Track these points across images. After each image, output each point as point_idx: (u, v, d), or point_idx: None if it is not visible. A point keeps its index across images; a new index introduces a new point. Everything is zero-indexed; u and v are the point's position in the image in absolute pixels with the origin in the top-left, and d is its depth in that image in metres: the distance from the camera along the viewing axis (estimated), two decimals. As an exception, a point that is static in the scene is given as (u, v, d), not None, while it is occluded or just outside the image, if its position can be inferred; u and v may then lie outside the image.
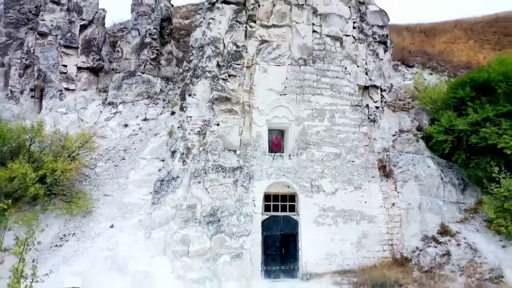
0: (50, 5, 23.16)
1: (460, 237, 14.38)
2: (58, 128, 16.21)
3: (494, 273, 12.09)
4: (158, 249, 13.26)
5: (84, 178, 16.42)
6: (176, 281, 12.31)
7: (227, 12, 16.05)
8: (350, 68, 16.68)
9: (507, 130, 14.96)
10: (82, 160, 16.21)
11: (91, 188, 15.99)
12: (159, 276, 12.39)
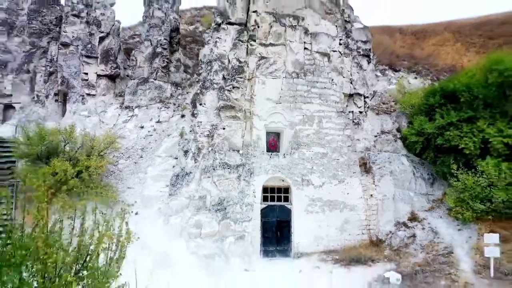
0: (71, 18, 25.94)
1: (426, 222, 17.37)
2: (88, 131, 19.15)
3: (446, 250, 15.08)
4: (175, 232, 16.24)
5: (109, 174, 19.38)
6: (191, 257, 15.30)
7: (231, 32, 18.92)
8: (337, 79, 19.58)
9: (468, 133, 17.87)
10: (108, 158, 19.16)
11: (116, 182, 18.96)
12: (176, 254, 15.37)
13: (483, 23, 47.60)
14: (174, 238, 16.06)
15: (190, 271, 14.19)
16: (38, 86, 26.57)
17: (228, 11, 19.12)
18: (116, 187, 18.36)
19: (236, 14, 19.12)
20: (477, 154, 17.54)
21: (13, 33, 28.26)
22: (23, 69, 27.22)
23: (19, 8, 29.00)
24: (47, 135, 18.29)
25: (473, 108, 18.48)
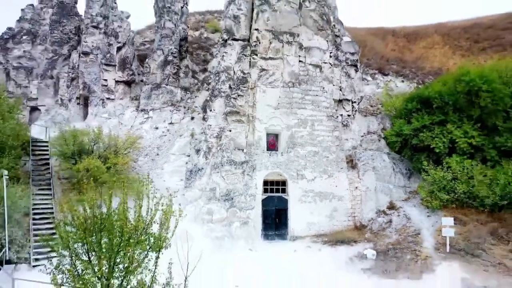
0: (90, 30, 29.01)
1: (401, 210, 20.64)
2: (111, 133, 22.36)
3: (415, 232, 18.33)
4: (191, 218, 19.44)
5: (131, 169, 22.61)
6: (204, 239, 18.55)
7: (236, 47, 22.06)
8: (327, 87, 22.75)
9: (438, 135, 21.10)
10: (130, 156, 22.38)
11: (138, 176, 22.17)
12: (193, 235, 18.62)
13: (471, 26, 50.41)
14: (190, 223, 19.27)
15: (205, 249, 17.45)
16: (62, 91, 29.71)
17: (233, 29, 22.24)
18: (142, 181, 21.55)
19: (240, 31, 22.25)
20: (446, 153, 20.79)
21: (37, 42, 31.34)
22: (47, 75, 30.34)
23: (41, 18, 32.05)
24: (78, 136, 21.52)
25: (444, 113, 21.68)
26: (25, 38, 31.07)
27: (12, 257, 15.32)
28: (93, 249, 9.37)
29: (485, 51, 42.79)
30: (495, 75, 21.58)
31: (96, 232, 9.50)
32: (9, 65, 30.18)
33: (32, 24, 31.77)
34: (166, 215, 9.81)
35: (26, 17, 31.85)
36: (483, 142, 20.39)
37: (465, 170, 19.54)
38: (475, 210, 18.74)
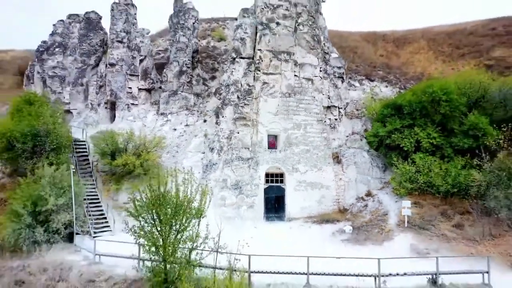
0: (116, 44, 34.11)
1: (376, 197, 25.98)
2: (142, 134, 27.63)
3: (384, 213, 23.69)
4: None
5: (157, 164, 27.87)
6: (219, 219, 23.87)
7: (242, 64, 27.26)
8: (318, 96, 27.99)
9: (407, 136, 26.29)
10: (156, 153, 27.65)
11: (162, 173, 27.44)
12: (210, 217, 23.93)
13: (454, 32, 55.22)
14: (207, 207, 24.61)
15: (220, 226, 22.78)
16: (91, 96, 34.93)
17: (240, 49, 27.44)
18: (164, 173, 26.85)
19: (246, 51, 27.46)
20: (412, 150, 26.04)
21: (67, 53, 36.48)
22: (78, 82, 35.52)
23: (70, 32, 37.13)
24: (115, 137, 26.81)
25: (412, 118, 26.90)
26: (58, 50, 36.17)
27: (78, 230, 20.66)
28: (157, 216, 14.66)
29: (464, 57, 47.84)
30: (454, 87, 26.81)
31: (158, 205, 14.77)
32: (45, 74, 35.36)
33: (63, 37, 36.84)
34: (204, 194, 15.07)
35: (57, 32, 36.91)
36: (442, 142, 25.65)
37: (426, 164, 24.80)
38: (432, 196, 24.04)
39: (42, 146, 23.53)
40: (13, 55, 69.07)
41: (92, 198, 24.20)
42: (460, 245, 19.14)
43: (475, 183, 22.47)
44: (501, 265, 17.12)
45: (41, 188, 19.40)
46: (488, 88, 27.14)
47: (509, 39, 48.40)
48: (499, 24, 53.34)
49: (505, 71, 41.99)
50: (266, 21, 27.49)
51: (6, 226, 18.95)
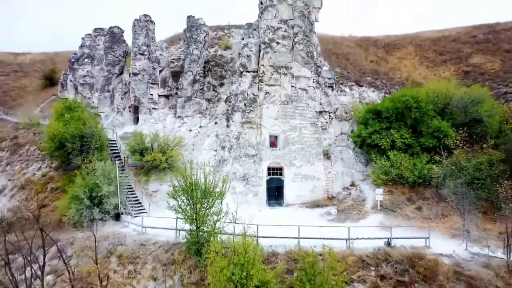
0: (138, 56, 40.11)
1: (358, 187, 32.11)
2: (166, 135, 33.72)
3: (363, 199, 29.85)
4: (220, 191, 30.94)
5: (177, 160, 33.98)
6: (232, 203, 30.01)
7: (248, 77, 33.30)
8: (311, 103, 34.04)
9: (384, 136, 32.34)
10: (177, 151, 33.73)
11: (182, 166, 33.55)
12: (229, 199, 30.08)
13: (439, 38, 60.87)
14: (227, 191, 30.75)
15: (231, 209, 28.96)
16: (117, 101, 41.00)
17: (246, 64, 33.48)
18: (184, 167, 32.98)
19: (251, 66, 33.50)
20: (388, 148, 32.12)
21: (94, 63, 42.52)
22: (105, 89, 41.60)
23: (96, 45, 43.15)
24: (143, 137, 32.92)
25: (389, 121, 32.94)
26: (86, 61, 42.24)
27: (122, 211, 26.83)
28: (191, 197, 20.75)
29: (445, 63, 53.77)
30: (424, 95, 32.89)
31: (191, 190, 20.86)
32: (77, 82, 41.44)
33: (90, 49, 42.86)
34: (224, 181, 21.20)
35: (85, 44, 42.94)
36: (412, 141, 31.70)
37: (398, 160, 30.88)
38: (401, 186, 30.14)
39: (88, 145, 29.64)
40: (31, 57, 75.33)
41: (128, 187, 30.32)
42: (417, 222, 25.29)
43: (435, 175, 28.57)
44: (444, 235, 23.29)
45: (95, 178, 25.54)
46: (452, 97, 33.16)
47: (487, 47, 54.21)
48: (480, 31, 59.08)
49: (479, 77, 48.14)
50: (268, 41, 33.51)
51: (70, 207, 25.10)
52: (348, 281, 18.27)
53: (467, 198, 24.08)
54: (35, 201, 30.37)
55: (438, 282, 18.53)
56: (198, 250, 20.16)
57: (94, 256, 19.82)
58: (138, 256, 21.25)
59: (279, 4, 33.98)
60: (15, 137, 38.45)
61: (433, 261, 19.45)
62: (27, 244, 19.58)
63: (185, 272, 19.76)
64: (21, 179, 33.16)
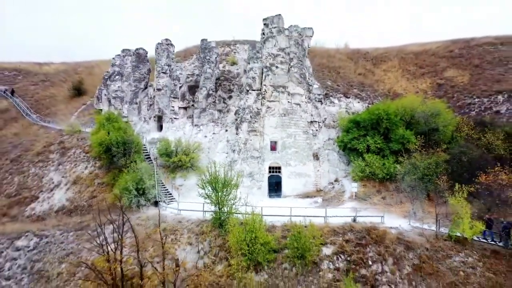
0: (161, 74, 49.47)
1: (340, 182, 41.44)
2: (187, 141, 43.13)
3: (343, 191, 39.18)
4: (232, 185, 40.38)
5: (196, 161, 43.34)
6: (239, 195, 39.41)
7: (253, 94, 42.74)
8: (304, 115, 43.40)
9: (362, 142, 41.67)
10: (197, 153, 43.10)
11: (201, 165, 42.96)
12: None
13: (421, 52, 69.88)
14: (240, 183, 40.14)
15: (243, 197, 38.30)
16: (143, 112, 50.37)
17: (252, 84, 42.90)
18: (202, 167, 42.44)
19: (255, 85, 42.94)
20: (365, 151, 41.43)
21: (123, 79, 51.92)
22: (133, 101, 50.99)
23: (124, 63, 52.54)
24: (170, 143, 42.35)
25: (366, 129, 42.25)
26: (117, 78, 51.64)
27: (159, 199, 36.23)
28: (214, 187, 30.13)
29: (423, 76, 62.89)
30: (394, 108, 42.20)
31: (215, 182, 30.27)
32: (110, 96, 50.84)
33: (120, 67, 52.26)
34: (239, 176, 30.65)
35: (115, 63, 52.36)
36: (383, 146, 40.99)
37: (372, 160, 40.21)
38: (373, 181, 39.45)
39: (130, 149, 39.04)
40: (54, 67, 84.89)
41: (160, 182, 39.69)
42: (380, 207, 34.61)
43: (398, 172, 37.90)
44: (397, 216, 32.58)
45: (140, 174, 34.98)
46: (415, 111, 42.46)
47: (460, 61, 63.35)
48: (457, 46, 68.13)
49: (449, 89, 57.35)
50: (269, 65, 42.94)
51: (122, 196, 34.47)
52: (323, 243, 27.67)
53: (418, 189, 33.56)
54: (86, 193, 39.94)
55: (385, 244, 27.89)
56: (220, 224, 29.59)
57: (145, 229, 29.39)
58: (177, 229, 30.70)
59: (278, 35, 43.41)
60: (61, 142, 47.89)
61: (383, 231, 28.83)
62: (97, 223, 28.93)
63: (212, 238, 29.20)
64: (72, 176, 42.58)
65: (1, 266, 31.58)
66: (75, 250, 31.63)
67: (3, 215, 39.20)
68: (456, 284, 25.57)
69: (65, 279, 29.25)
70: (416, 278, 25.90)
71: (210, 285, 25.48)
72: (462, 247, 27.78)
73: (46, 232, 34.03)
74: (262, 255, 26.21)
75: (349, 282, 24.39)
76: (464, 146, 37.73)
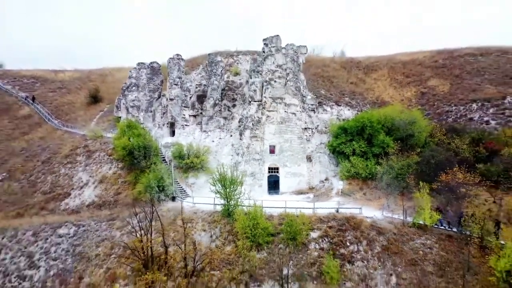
0: (173, 86, 56.96)
1: (330, 180, 48.95)
2: (197, 145, 50.71)
3: (331, 188, 46.63)
4: (236, 184, 47.90)
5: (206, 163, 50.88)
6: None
7: (255, 105, 50.32)
8: (298, 123, 50.92)
9: (348, 146, 49.12)
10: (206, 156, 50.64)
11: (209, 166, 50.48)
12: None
13: (409, 61, 77.07)
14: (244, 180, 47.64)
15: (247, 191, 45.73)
16: (157, 119, 57.90)
17: (253, 96, 50.47)
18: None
19: (257, 97, 50.52)
20: (351, 154, 48.88)
21: (139, 90, 59.49)
22: (148, 109, 58.56)
23: (140, 76, 60.12)
24: (183, 147, 49.94)
25: (352, 135, 49.72)
26: (134, 88, 59.23)
27: (176, 195, 43.76)
28: (223, 185, 37.69)
29: (409, 85, 70.10)
30: (376, 117, 49.65)
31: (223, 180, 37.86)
32: (128, 105, 58.43)
33: (136, 79, 59.84)
34: (243, 175, 38.26)
35: (132, 76, 59.95)
36: (367, 150, 48.44)
37: (356, 162, 47.66)
38: (357, 180, 46.90)
39: (149, 152, 46.57)
40: (69, 75, 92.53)
41: (175, 181, 47.16)
42: (361, 201, 42.09)
43: (378, 172, 45.35)
44: (375, 208, 40.03)
45: (161, 173, 42.52)
46: (394, 119, 49.88)
47: (443, 71, 70.48)
48: (441, 56, 75.33)
49: (431, 98, 64.63)
50: (268, 80, 50.48)
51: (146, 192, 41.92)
52: (311, 229, 35.18)
53: (392, 187, 41.10)
54: (112, 190, 47.51)
55: (361, 230, 35.36)
56: (228, 214, 37.13)
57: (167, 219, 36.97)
58: (193, 218, 38.24)
59: (276, 53, 50.97)
60: (86, 145, 55.48)
61: (360, 220, 36.33)
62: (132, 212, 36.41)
63: (222, 226, 36.74)
64: (98, 175, 50.14)
65: (48, 250, 39.11)
66: (108, 236, 39.15)
67: (42, 209, 46.77)
68: (415, 260, 32.97)
69: (102, 259, 36.77)
70: (384, 256, 33.35)
71: (221, 261, 32.98)
72: (423, 232, 35.19)
73: (83, 222, 41.58)
74: (262, 238, 33.72)
75: (330, 258, 31.89)
76: (434, 150, 45.16)
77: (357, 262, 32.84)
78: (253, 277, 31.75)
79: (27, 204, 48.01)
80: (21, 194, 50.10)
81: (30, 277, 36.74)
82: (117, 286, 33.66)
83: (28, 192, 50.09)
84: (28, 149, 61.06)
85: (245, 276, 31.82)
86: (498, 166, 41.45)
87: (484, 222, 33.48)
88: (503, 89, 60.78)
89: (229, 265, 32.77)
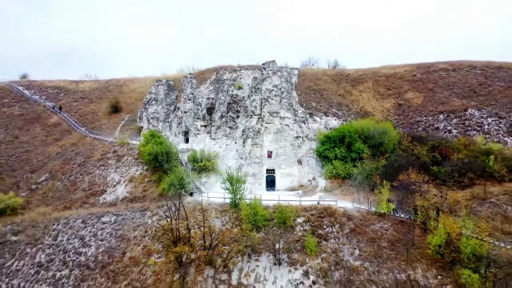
0: (187, 101, 69.82)
1: (316, 180, 61.84)
2: (208, 151, 63.71)
3: (316, 185, 59.43)
4: (240, 182, 60.84)
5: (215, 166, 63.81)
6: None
7: (255, 118, 63.32)
8: (291, 133, 63.80)
9: (332, 151, 61.93)
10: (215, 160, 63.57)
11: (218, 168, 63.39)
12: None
13: (391, 75, 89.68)
14: (247, 179, 60.52)
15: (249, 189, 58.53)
16: (174, 128, 70.80)
17: (254, 111, 63.43)
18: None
19: (257, 112, 63.51)
20: (334, 158, 61.71)
21: (157, 103, 72.45)
22: (166, 120, 71.53)
23: (158, 91, 73.08)
24: (196, 152, 62.97)
25: (335, 143, 62.63)
26: (153, 102, 72.18)
27: (193, 191, 56.70)
28: (231, 183, 50.65)
29: (389, 97, 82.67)
30: (355, 128, 62.48)
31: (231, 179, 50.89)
32: (149, 116, 71.42)
33: (155, 94, 72.80)
34: (245, 175, 51.31)
35: (152, 91, 72.93)
36: (346, 155, 61.25)
37: (337, 165, 60.47)
38: (338, 179, 59.66)
39: (170, 157, 59.46)
40: (88, 85, 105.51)
41: (192, 180, 60.00)
42: (339, 196, 54.92)
43: (354, 173, 58.14)
44: (348, 201, 52.83)
45: (181, 174, 55.46)
46: (370, 130, 62.65)
47: (419, 84, 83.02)
48: (419, 71, 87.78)
49: (406, 109, 77.35)
50: (266, 97, 63.41)
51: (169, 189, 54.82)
52: (297, 216, 48.08)
53: (364, 184, 54.05)
54: (140, 188, 60.48)
55: (335, 216, 48.19)
56: (235, 205, 50.11)
57: (187, 209, 49.98)
58: (208, 209, 51.16)
59: (272, 76, 63.89)
60: (115, 151, 68.40)
61: (335, 209, 49.19)
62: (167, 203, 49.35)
63: (230, 214, 49.69)
64: (128, 176, 63.04)
65: (95, 233, 52.03)
66: (142, 223, 52.04)
67: (84, 203, 59.70)
68: (374, 239, 45.82)
69: (139, 239, 49.69)
70: (351, 236, 46.20)
71: (230, 239, 45.86)
72: (382, 218, 48.05)
73: (120, 212, 54.51)
74: (261, 222, 46.64)
75: (310, 237, 44.76)
76: (398, 155, 58.02)
77: (330, 240, 45.68)
78: (254, 250, 44.56)
79: (71, 199, 60.92)
80: (64, 191, 63.01)
81: (85, 253, 49.63)
82: (152, 258, 46.58)
83: (70, 190, 63.01)
84: (62, 154, 74.06)
85: (248, 249, 44.63)
86: (446, 168, 54.23)
87: (427, 210, 46.29)
88: (466, 102, 73.65)
89: (236, 242, 45.60)
